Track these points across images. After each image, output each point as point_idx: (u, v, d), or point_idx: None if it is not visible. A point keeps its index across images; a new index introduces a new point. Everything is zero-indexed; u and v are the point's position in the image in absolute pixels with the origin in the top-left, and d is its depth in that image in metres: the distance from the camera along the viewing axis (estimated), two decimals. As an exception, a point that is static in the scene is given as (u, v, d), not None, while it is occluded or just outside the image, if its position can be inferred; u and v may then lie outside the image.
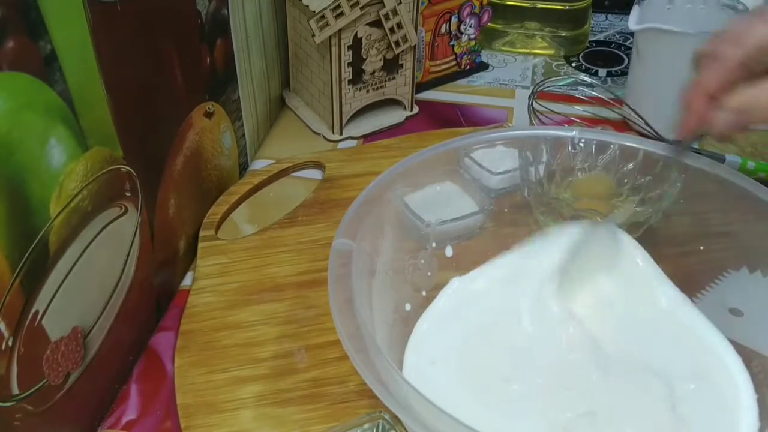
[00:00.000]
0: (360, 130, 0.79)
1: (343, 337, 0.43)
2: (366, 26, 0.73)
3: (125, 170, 0.52)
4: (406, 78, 0.79)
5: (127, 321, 0.54)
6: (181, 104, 0.61)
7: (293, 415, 0.51)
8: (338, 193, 0.69)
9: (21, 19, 0.40)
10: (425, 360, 0.52)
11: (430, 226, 0.55)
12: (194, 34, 0.62)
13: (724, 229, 0.56)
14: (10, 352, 0.42)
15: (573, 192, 0.61)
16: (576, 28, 0.93)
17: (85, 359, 0.49)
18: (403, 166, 0.55)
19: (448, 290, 0.57)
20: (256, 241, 0.65)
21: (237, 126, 0.71)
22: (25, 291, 0.42)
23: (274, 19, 0.77)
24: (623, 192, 0.60)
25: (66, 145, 0.45)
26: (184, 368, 0.55)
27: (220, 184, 0.69)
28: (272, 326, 0.58)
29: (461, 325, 0.54)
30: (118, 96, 0.49)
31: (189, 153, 0.62)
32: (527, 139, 0.59)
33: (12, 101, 0.40)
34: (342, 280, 0.46)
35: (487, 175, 0.59)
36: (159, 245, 0.58)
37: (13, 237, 0.41)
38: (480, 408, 0.48)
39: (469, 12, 0.84)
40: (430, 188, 0.58)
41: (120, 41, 0.50)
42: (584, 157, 0.60)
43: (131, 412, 0.53)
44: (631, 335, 0.53)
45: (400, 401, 0.40)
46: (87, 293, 0.49)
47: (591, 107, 0.80)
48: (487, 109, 0.84)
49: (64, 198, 0.45)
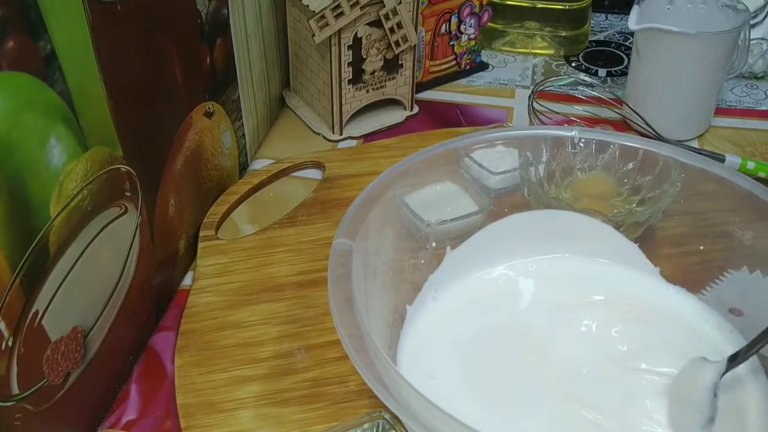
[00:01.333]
0: (360, 130, 0.79)
1: (342, 337, 0.43)
2: (366, 26, 0.73)
3: (125, 170, 0.52)
4: (406, 78, 0.79)
5: (127, 321, 0.54)
6: (181, 104, 0.61)
7: (293, 415, 0.51)
8: (338, 193, 0.70)
9: (21, 18, 0.40)
10: (423, 369, 0.52)
11: (430, 226, 0.55)
12: (194, 33, 0.62)
13: (724, 229, 0.56)
14: (10, 352, 0.42)
15: (573, 192, 0.61)
16: (576, 28, 0.93)
17: (85, 359, 0.49)
18: (403, 166, 0.55)
19: (448, 290, 0.57)
20: (256, 241, 0.65)
21: (237, 126, 0.71)
22: (25, 291, 0.42)
23: (274, 19, 0.77)
24: (623, 192, 0.60)
25: (66, 145, 0.45)
26: (184, 368, 0.55)
27: (220, 183, 0.69)
28: (272, 326, 0.58)
29: (460, 326, 0.54)
30: (118, 96, 0.49)
31: (189, 153, 0.62)
32: (527, 138, 0.59)
33: (12, 101, 0.40)
34: (342, 280, 0.46)
35: (486, 174, 0.59)
36: (159, 245, 0.58)
37: (13, 237, 0.41)
38: (481, 408, 0.48)
39: (469, 12, 0.84)
40: (430, 188, 0.58)
41: (120, 41, 0.50)
42: (584, 157, 0.60)
43: (131, 412, 0.53)
44: (636, 336, 0.53)
45: (400, 401, 0.40)
46: (87, 293, 0.49)
47: (591, 107, 0.80)
48: (487, 108, 0.84)
49: (64, 198, 0.45)
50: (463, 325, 0.54)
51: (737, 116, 0.82)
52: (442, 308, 0.56)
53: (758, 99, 0.84)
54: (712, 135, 0.79)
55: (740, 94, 0.85)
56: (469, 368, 0.51)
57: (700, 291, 0.56)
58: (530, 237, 0.59)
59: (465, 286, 0.57)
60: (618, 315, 0.54)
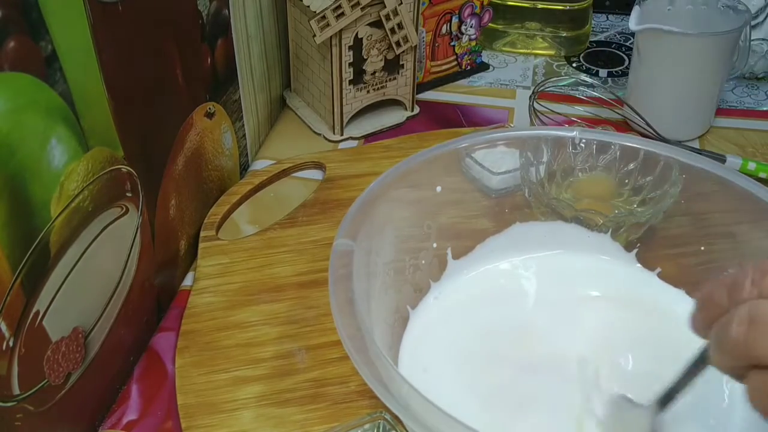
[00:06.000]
0: (361, 130, 0.79)
1: (343, 338, 0.43)
2: (367, 26, 0.73)
3: (126, 170, 0.52)
4: (406, 78, 0.79)
5: (128, 321, 0.54)
6: (182, 104, 0.61)
7: (294, 416, 0.51)
8: (339, 193, 0.70)
9: (22, 19, 0.40)
10: (420, 365, 0.52)
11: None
12: (195, 34, 0.62)
13: (724, 230, 0.56)
14: (11, 352, 0.42)
15: (574, 192, 0.61)
16: (577, 29, 0.93)
17: (86, 359, 0.49)
18: (404, 166, 0.55)
19: (448, 290, 0.57)
20: (256, 241, 0.65)
21: (238, 126, 0.71)
22: (26, 291, 0.42)
23: (275, 20, 0.77)
24: (624, 192, 0.60)
25: (67, 146, 0.45)
26: (184, 368, 0.55)
27: (220, 184, 0.69)
28: (273, 326, 0.58)
29: (460, 327, 0.54)
30: (119, 96, 0.49)
31: (190, 153, 0.62)
32: (528, 139, 0.59)
33: (13, 101, 0.40)
34: (343, 281, 0.46)
35: (488, 175, 0.59)
36: (160, 245, 0.58)
37: (14, 237, 0.41)
38: (480, 406, 0.48)
39: (470, 12, 0.84)
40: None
41: (121, 42, 0.50)
42: (585, 158, 0.60)
43: (132, 413, 0.53)
44: (636, 335, 0.53)
45: (401, 401, 0.40)
46: (88, 293, 0.49)
47: (592, 107, 0.80)
48: (487, 109, 0.84)
49: (64, 198, 0.45)
50: (464, 321, 0.54)
51: (738, 117, 0.82)
52: (442, 305, 0.56)
53: (759, 99, 0.84)
54: (713, 135, 0.79)
55: (741, 94, 0.85)
56: (469, 365, 0.51)
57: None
58: (531, 238, 0.59)
59: (466, 282, 0.57)
60: (618, 314, 0.54)
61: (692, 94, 0.77)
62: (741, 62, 0.79)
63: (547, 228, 0.59)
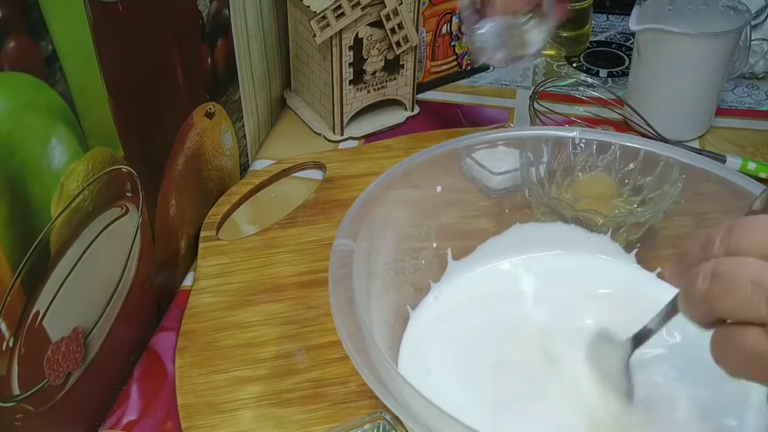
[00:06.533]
0: (361, 130, 0.79)
1: (343, 338, 0.43)
2: (367, 26, 0.73)
3: (126, 170, 0.52)
4: (407, 78, 0.79)
5: (128, 321, 0.54)
6: (182, 104, 0.61)
7: (294, 416, 0.51)
8: (339, 193, 0.70)
9: (22, 19, 0.40)
10: (420, 365, 0.52)
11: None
12: (195, 34, 0.62)
13: (724, 230, 0.56)
14: (11, 352, 0.42)
15: (574, 192, 0.61)
16: (577, 29, 0.93)
17: (86, 360, 0.49)
18: (404, 166, 0.55)
19: (448, 290, 0.57)
20: (256, 241, 0.65)
21: (238, 126, 0.71)
22: (26, 291, 0.42)
23: (275, 20, 0.77)
24: (624, 192, 0.60)
25: (67, 146, 0.45)
26: (184, 369, 0.55)
27: (221, 184, 0.69)
28: (273, 327, 0.58)
29: (460, 327, 0.54)
30: (119, 96, 0.49)
31: (190, 153, 0.62)
32: (528, 139, 0.59)
33: (13, 101, 0.40)
34: (343, 281, 0.46)
35: (488, 175, 0.59)
36: (160, 245, 0.58)
37: (14, 237, 0.41)
38: (480, 405, 0.48)
39: (470, 12, 0.84)
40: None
41: (121, 42, 0.50)
42: (585, 158, 0.60)
43: (132, 413, 0.53)
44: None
45: (401, 402, 0.40)
46: (88, 294, 0.49)
47: (592, 108, 0.80)
48: (488, 109, 0.84)
49: (65, 198, 0.45)
50: (464, 321, 0.54)
51: (738, 117, 0.82)
52: (442, 305, 0.56)
53: (759, 99, 0.84)
54: (713, 135, 0.79)
55: (741, 94, 0.85)
56: (469, 365, 0.51)
57: (701, 291, 0.56)
58: (531, 238, 0.59)
59: (466, 282, 0.57)
60: (618, 313, 0.54)
61: (692, 94, 0.77)
62: (741, 62, 0.79)
63: (547, 228, 0.59)
